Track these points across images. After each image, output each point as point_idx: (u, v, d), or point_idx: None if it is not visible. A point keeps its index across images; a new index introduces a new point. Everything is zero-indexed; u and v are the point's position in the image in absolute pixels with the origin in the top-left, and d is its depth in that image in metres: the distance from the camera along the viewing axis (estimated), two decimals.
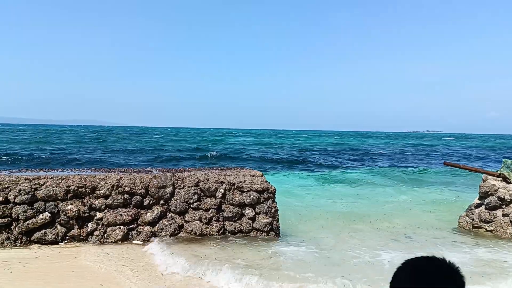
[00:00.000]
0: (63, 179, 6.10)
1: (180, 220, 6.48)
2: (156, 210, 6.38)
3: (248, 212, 6.83)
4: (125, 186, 6.29)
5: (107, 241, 6.08)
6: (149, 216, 6.33)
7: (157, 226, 6.35)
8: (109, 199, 6.21)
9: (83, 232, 6.06)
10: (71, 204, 6.03)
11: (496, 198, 7.80)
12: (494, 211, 7.82)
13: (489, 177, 8.23)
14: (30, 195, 5.85)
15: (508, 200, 7.67)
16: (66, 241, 5.99)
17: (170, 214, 6.47)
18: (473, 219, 8.16)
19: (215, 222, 6.61)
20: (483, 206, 8.05)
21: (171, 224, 6.38)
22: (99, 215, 6.18)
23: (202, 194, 6.65)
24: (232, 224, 6.70)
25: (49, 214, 5.92)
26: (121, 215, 6.20)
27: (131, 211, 6.28)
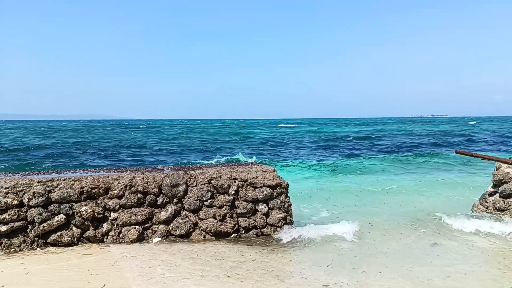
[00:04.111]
0: (76, 180, 6.09)
1: (194, 218, 6.47)
2: (170, 208, 6.37)
3: (262, 207, 6.81)
4: (138, 185, 6.28)
5: (123, 241, 6.09)
6: (163, 214, 6.32)
7: (171, 225, 6.34)
8: (123, 199, 6.20)
9: (98, 233, 6.07)
10: (85, 205, 6.02)
11: (511, 186, 7.72)
12: (509, 199, 7.75)
13: (502, 164, 8.15)
14: (45, 198, 5.85)
15: None
16: (82, 243, 6.01)
17: (184, 212, 6.47)
18: (487, 208, 8.10)
19: (229, 218, 6.60)
20: (497, 195, 7.99)
21: (185, 222, 6.38)
22: (113, 215, 6.19)
23: (215, 191, 6.63)
24: (246, 220, 6.69)
25: (64, 216, 5.93)
26: (135, 214, 6.20)
27: (145, 210, 6.27)
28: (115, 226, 6.16)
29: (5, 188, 5.72)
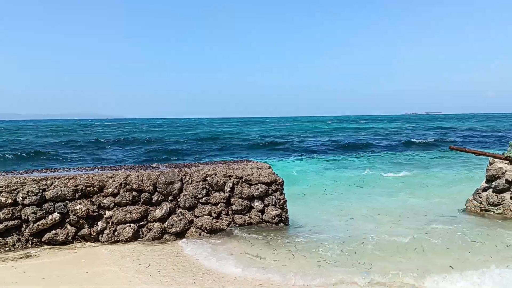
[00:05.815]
0: (71, 178, 6.06)
1: (189, 216, 6.47)
2: (165, 206, 6.36)
3: (257, 204, 6.82)
4: (133, 183, 6.26)
5: (118, 239, 6.07)
6: (158, 212, 6.31)
7: (167, 222, 6.34)
8: (118, 197, 6.18)
9: (93, 231, 6.05)
10: (80, 203, 6.00)
11: (504, 181, 7.79)
12: (502, 194, 7.82)
13: (495, 160, 8.21)
14: (39, 196, 5.82)
15: None
16: (76, 241, 5.99)
17: (179, 210, 6.46)
18: (480, 203, 8.17)
19: (225, 216, 6.60)
20: (491, 190, 8.05)
21: (181, 219, 6.37)
22: (108, 213, 6.17)
23: (210, 188, 6.63)
24: (241, 217, 6.70)
25: (58, 215, 5.90)
26: (130, 212, 6.19)
27: (140, 208, 6.26)
28: (110, 224, 6.14)
29: None
